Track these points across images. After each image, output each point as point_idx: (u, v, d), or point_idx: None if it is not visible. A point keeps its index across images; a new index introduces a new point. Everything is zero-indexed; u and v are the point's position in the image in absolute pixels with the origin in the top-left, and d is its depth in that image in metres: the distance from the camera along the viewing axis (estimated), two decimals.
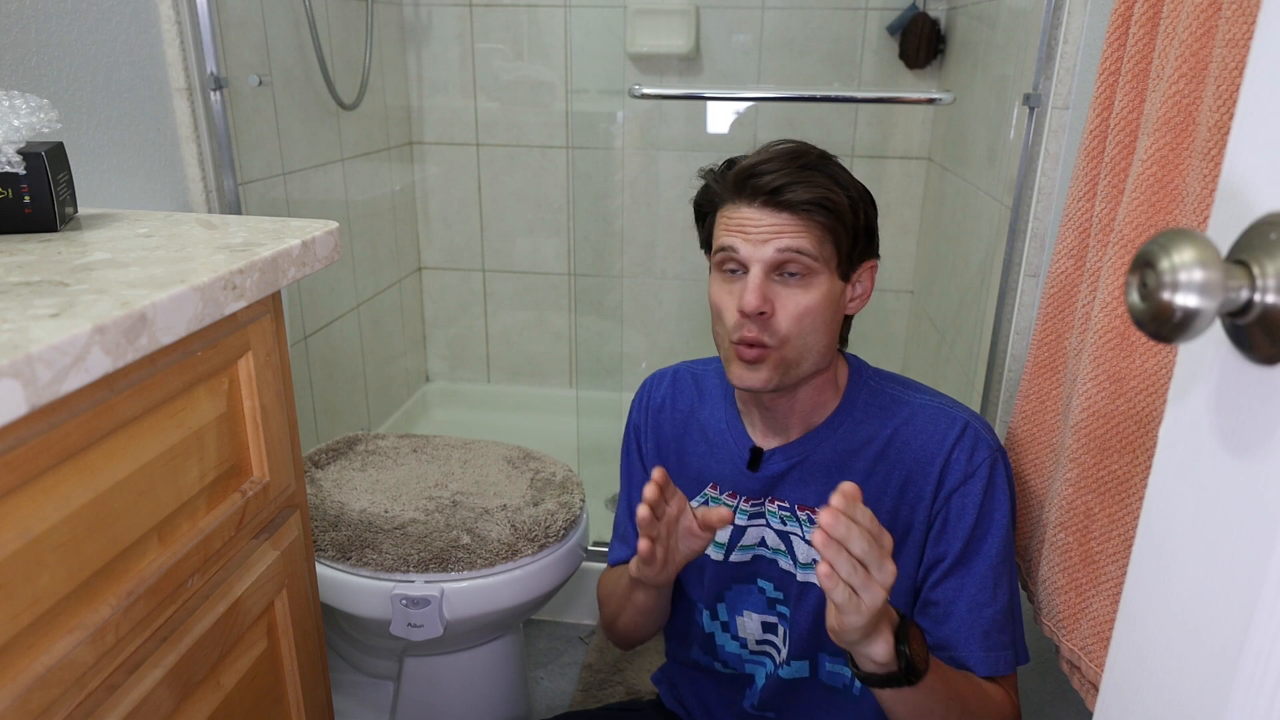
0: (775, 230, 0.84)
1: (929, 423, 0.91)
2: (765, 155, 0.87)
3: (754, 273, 0.84)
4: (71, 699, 0.56)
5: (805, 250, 0.84)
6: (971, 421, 0.91)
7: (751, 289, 0.83)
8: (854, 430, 0.92)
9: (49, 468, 0.52)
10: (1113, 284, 0.85)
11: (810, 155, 0.87)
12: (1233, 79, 0.70)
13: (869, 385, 0.95)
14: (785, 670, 0.97)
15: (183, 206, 1.34)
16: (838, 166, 0.88)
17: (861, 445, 0.92)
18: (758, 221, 0.85)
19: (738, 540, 0.97)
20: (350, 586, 1.23)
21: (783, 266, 0.85)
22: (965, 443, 0.89)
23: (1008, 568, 0.90)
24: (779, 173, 0.84)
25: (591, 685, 1.60)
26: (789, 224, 0.84)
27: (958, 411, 0.92)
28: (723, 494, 0.98)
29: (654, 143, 2.26)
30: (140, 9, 1.22)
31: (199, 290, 0.59)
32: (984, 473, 0.89)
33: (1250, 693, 0.35)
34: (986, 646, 0.88)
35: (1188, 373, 0.41)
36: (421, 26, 2.24)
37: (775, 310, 0.85)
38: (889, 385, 0.95)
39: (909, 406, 0.93)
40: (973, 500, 0.88)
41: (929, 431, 0.90)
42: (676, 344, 2.39)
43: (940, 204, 2.04)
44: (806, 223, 0.84)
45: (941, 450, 0.89)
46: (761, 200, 0.84)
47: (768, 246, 0.84)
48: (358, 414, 2.11)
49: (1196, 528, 0.40)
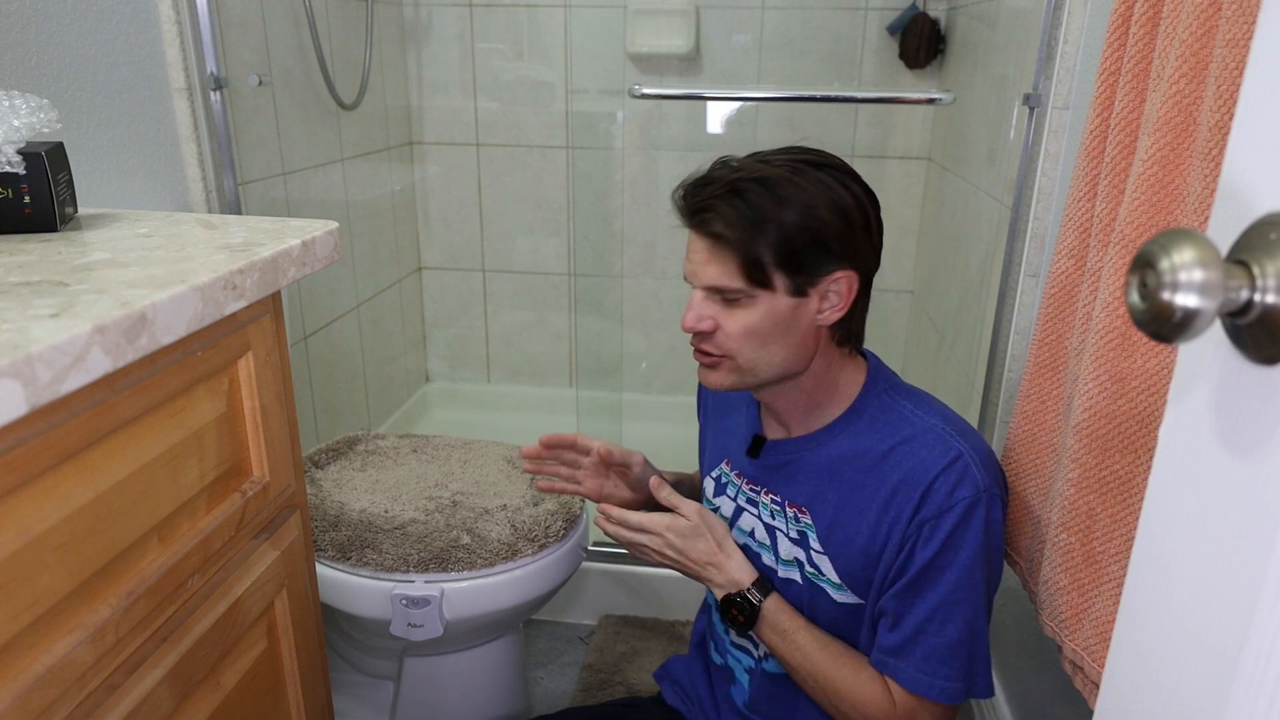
0: (704, 259, 0.86)
1: (924, 447, 0.88)
2: (703, 176, 0.87)
3: (695, 295, 0.88)
4: (71, 699, 0.56)
5: (725, 287, 0.85)
6: (966, 454, 0.87)
7: (689, 309, 0.88)
8: (854, 439, 0.92)
9: (49, 468, 0.52)
10: (1113, 284, 0.85)
11: (723, 179, 0.85)
12: (1233, 79, 0.70)
13: (881, 398, 0.93)
14: (769, 664, 0.98)
15: (183, 206, 1.34)
16: (788, 184, 0.84)
17: (857, 455, 0.91)
18: (693, 245, 0.88)
19: (736, 520, 1.00)
20: (350, 586, 1.23)
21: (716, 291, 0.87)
22: (951, 475, 0.86)
23: (966, 607, 0.86)
24: (688, 199, 0.86)
25: (591, 685, 1.60)
26: (712, 253, 0.85)
27: (957, 441, 0.88)
28: (733, 471, 1.02)
29: (654, 143, 2.26)
30: (140, 9, 1.22)
31: (199, 290, 0.59)
32: (960, 510, 0.85)
33: (1250, 693, 0.35)
34: (922, 669, 0.87)
35: (1188, 373, 0.41)
36: (421, 26, 2.24)
37: (719, 326, 0.88)
38: (901, 400, 0.93)
39: (913, 427, 0.90)
40: (941, 533, 0.86)
41: (921, 456, 0.88)
42: (676, 344, 2.39)
43: (940, 204, 2.04)
44: (723, 252, 0.85)
45: (926, 478, 0.86)
46: (688, 222, 0.87)
47: (698, 279, 0.87)
48: (358, 414, 2.11)
49: (1196, 528, 0.40)
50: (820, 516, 0.92)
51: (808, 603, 0.94)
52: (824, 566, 0.92)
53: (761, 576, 0.95)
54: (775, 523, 0.96)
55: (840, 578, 0.91)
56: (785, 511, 0.95)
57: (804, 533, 0.93)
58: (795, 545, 0.94)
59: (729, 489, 1.02)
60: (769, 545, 0.96)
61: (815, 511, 0.92)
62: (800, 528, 0.93)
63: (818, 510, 0.92)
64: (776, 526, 0.96)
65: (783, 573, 0.95)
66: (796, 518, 0.94)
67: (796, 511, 0.94)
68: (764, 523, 0.97)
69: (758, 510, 0.97)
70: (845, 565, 0.91)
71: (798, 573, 0.94)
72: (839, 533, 0.91)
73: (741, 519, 0.99)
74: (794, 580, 0.95)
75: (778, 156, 0.88)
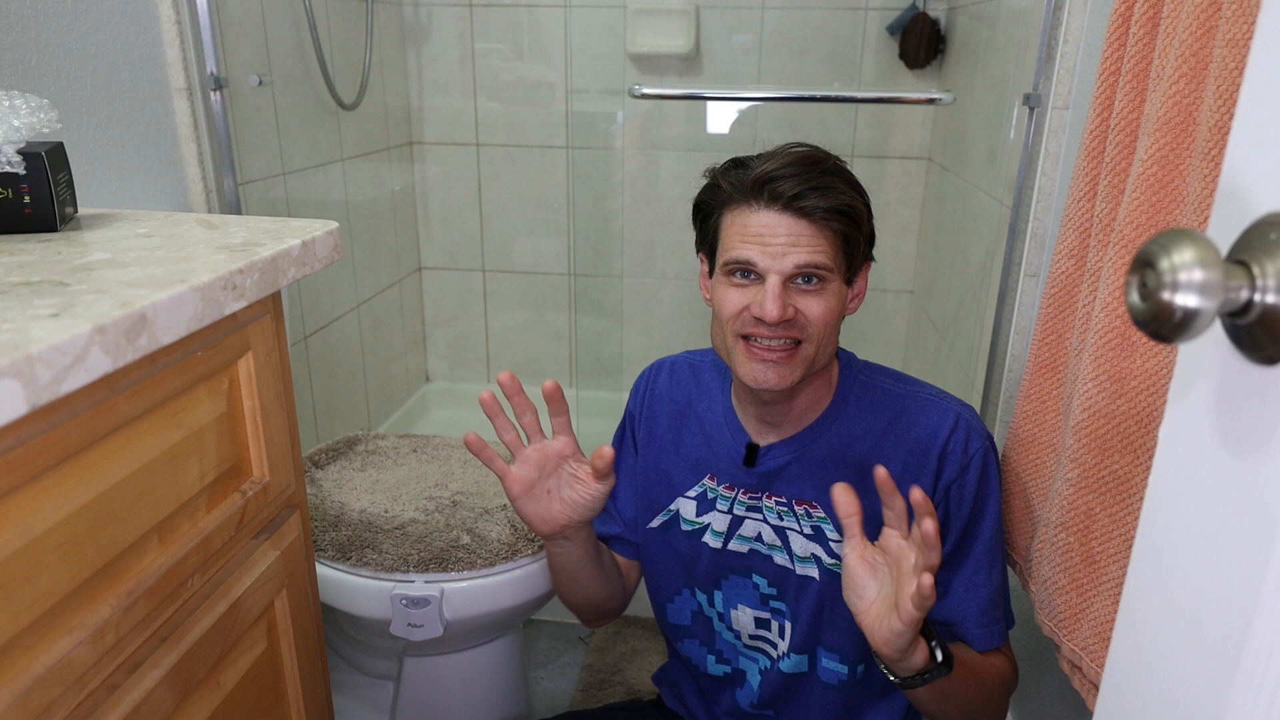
0: (792, 241, 0.84)
1: (922, 414, 0.93)
2: (783, 160, 0.86)
3: (772, 282, 0.84)
4: (71, 699, 0.56)
5: (820, 264, 0.84)
6: (962, 413, 0.93)
7: (772, 298, 0.83)
8: (848, 425, 0.94)
9: (49, 468, 0.52)
10: (1113, 284, 0.85)
11: (827, 161, 0.87)
12: (1233, 79, 0.70)
13: (860, 380, 0.96)
14: (785, 663, 0.98)
15: (183, 206, 1.34)
16: (850, 173, 0.89)
17: (856, 439, 0.93)
18: (774, 229, 0.84)
19: (736, 530, 0.98)
20: (350, 586, 1.23)
21: (797, 276, 0.85)
22: (959, 434, 0.91)
23: (999, 549, 0.94)
24: (797, 178, 0.84)
25: (591, 685, 1.60)
26: (806, 233, 0.84)
27: (948, 403, 0.94)
28: (720, 485, 0.99)
29: (654, 143, 2.26)
30: (140, 9, 1.22)
31: (199, 290, 0.59)
32: (978, 463, 0.92)
33: (1250, 692, 0.35)
34: (981, 623, 0.92)
35: (1188, 373, 0.41)
36: (421, 26, 2.24)
37: (798, 312, 0.85)
38: (879, 379, 0.97)
39: (900, 399, 0.94)
40: (969, 490, 0.92)
41: (922, 424, 0.92)
42: (676, 344, 2.38)
43: (940, 204, 2.04)
44: (823, 231, 0.84)
45: (936, 442, 0.91)
46: (780, 206, 0.84)
47: (786, 260, 0.84)
48: (358, 414, 2.11)
49: (1196, 528, 0.40)
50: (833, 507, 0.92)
51: (829, 596, 0.94)
52: None
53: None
54: (785, 523, 0.95)
55: None
56: (794, 510, 0.95)
57: (819, 527, 0.93)
58: (811, 541, 0.94)
59: (719, 503, 0.99)
60: (780, 546, 0.96)
61: (827, 503, 0.93)
62: (814, 523, 0.94)
63: (830, 501, 0.92)
64: (787, 527, 0.95)
65: (800, 570, 0.95)
66: (808, 513, 0.94)
67: (807, 508, 0.94)
68: (771, 525, 0.96)
69: (762, 515, 0.96)
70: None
71: (815, 569, 0.94)
72: None
73: (743, 527, 0.98)
74: (812, 577, 0.94)
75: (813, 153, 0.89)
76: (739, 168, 0.89)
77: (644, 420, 1.05)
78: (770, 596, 0.97)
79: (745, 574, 0.98)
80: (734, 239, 0.86)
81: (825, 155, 0.88)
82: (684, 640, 1.05)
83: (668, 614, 1.05)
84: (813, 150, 0.88)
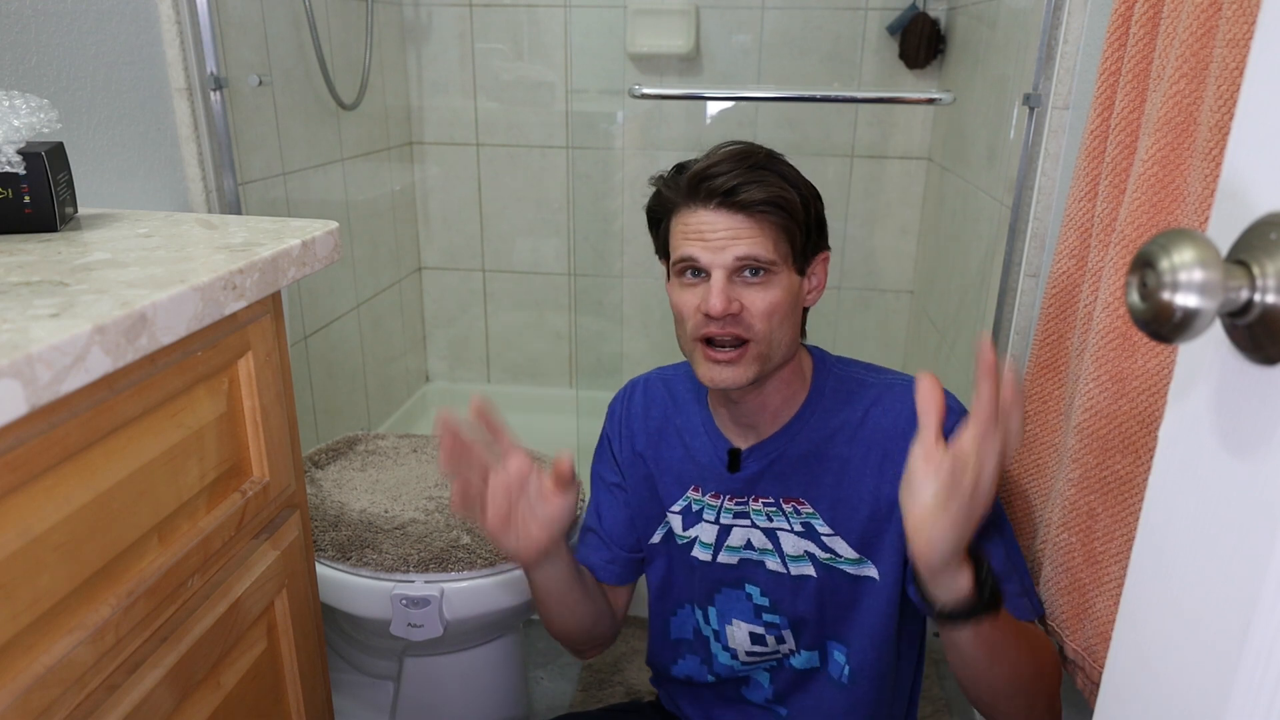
0: (732, 235, 0.85)
1: (898, 400, 0.92)
2: (715, 158, 0.88)
3: (716, 277, 0.85)
4: (71, 699, 0.56)
5: (760, 257, 0.85)
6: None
7: (716, 292, 0.84)
8: (825, 418, 0.94)
9: (49, 468, 0.52)
10: (1114, 284, 0.85)
11: (759, 155, 0.88)
12: (1233, 79, 0.70)
13: (833, 373, 0.96)
14: (796, 659, 0.98)
15: (183, 206, 1.34)
16: (785, 164, 0.90)
17: (835, 431, 0.93)
18: (714, 225, 0.86)
19: (724, 540, 0.97)
20: (350, 586, 1.23)
21: (742, 269, 0.86)
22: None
23: (1007, 525, 0.91)
24: (730, 174, 0.85)
25: (591, 685, 1.60)
26: (744, 227, 0.85)
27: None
28: (706, 495, 0.98)
29: (654, 143, 2.25)
30: (140, 9, 1.22)
31: (199, 290, 0.59)
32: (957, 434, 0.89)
33: (1250, 693, 0.35)
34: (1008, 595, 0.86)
35: (1188, 373, 0.41)
36: (421, 26, 2.24)
37: (743, 308, 0.86)
38: (853, 370, 0.97)
39: (875, 388, 0.94)
40: None
41: (898, 409, 0.91)
42: (675, 344, 2.39)
43: (940, 204, 2.04)
44: (761, 224, 0.85)
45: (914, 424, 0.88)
46: (716, 203, 0.86)
47: (726, 253, 0.85)
48: (358, 414, 2.11)
49: (1197, 528, 0.40)
50: (820, 501, 0.92)
51: (829, 592, 0.94)
52: (838, 547, 0.92)
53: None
54: (775, 524, 0.95)
55: (857, 550, 0.92)
56: (782, 508, 0.95)
57: (808, 523, 0.93)
58: (802, 538, 0.94)
59: (705, 513, 0.98)
60: (772, 549, 0.95)
61: (814, 498, 0.93)
62: (803, 519, 0.94)
63: (816, 496, 0.93)
64: (777, 527, 0.95)
65: (794, 570, 0.94)
66: (796, 510, 0.94)
67: (795, 505, 0.94)
68: (760, 529, 0.96)
69: (749, 520, 0.96)
70: (858, 537, 0.92)
71: (810, 566, 0.94)
72: (843, 509, 0.92)
73: (731, 536, 0.97)
74: (809, 575, 0.94)
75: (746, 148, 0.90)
76: (679, 172, 0.91)
77: (623, 441, 1.04)
78: (764, 608, 0.97)
79: (737, 585, 0.98)
80: (679, 239, 0.89)
81: (757, 149, 0.89)
82: (684, 658, 1.04)
83: (670, 629, 1.05)
84: (746, 146, 0.90)
